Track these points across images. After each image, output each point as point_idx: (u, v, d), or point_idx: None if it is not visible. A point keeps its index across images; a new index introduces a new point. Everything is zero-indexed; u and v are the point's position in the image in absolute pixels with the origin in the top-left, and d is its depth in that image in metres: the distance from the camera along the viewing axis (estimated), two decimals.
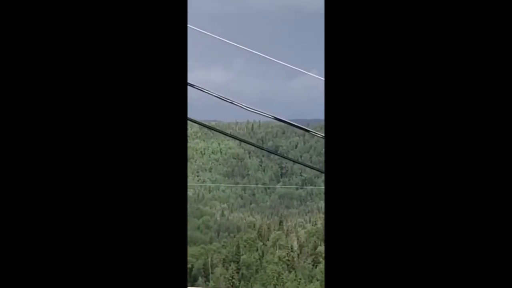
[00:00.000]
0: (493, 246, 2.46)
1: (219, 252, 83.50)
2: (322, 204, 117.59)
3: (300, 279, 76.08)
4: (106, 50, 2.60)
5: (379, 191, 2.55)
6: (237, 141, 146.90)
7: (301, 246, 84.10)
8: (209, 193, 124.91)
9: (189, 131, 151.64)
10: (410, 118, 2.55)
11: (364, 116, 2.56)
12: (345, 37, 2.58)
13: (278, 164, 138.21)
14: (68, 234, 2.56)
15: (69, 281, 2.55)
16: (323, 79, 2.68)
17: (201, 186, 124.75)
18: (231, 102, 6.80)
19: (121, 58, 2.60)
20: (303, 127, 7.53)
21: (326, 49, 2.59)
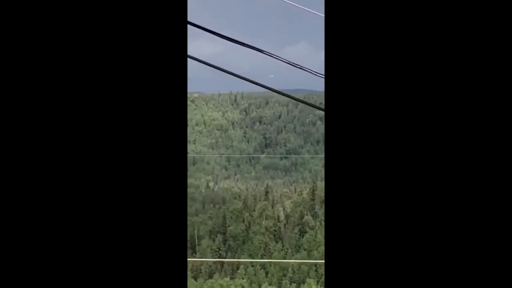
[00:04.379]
0: (493, 246, 2.45)
1: (205, 224, 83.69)
2: (306, 174, 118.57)
3: (287, 249, 76.52)
4: (104, 44, 2.57)
5: (379, 190, 2.52)
6: (221, 112, 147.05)
7: (287, 216, 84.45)
8: (193, 165, 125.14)
9: None
10: (409, 115, 2.51)
11: (364, 114, 2.54)
12: (345, 35, 2.56)
13: (262, 135, 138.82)
14: (68, 233, 2.53)
15: (69, 280, 2.52)
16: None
17: None
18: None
19: (119, 54, 2.57)
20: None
21: (326, 46, 2.59)
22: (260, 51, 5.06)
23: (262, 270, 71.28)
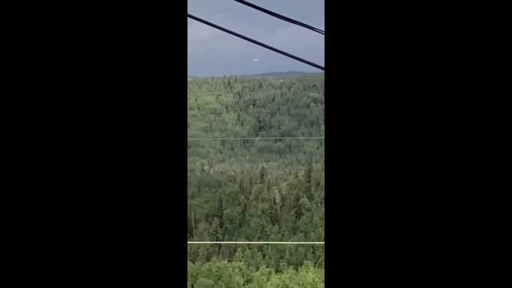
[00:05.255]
0: (493, 246, 2.45)
1: (201, 207, 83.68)
2: (301, 156, 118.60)
3: (284, 231, 76.62)
4: (104, 43, 2.56)
5: (379, 191, 2.53)
6: (214, 96, 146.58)
7: (283, 199, 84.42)
8: (188, 148, 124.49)
9: None
10: (410, 112, 2.53)
11: (364, 115, 2.55)
12: (345, 35, 2.57)
13: (256, 118, 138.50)
14: (69, 231, 2.54)
15: (69, 279, 2.53)
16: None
17: None
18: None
19: (120, 54, 2.57)
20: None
21: (326, 46, 2.60)
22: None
23: (260, 252, 71.47)
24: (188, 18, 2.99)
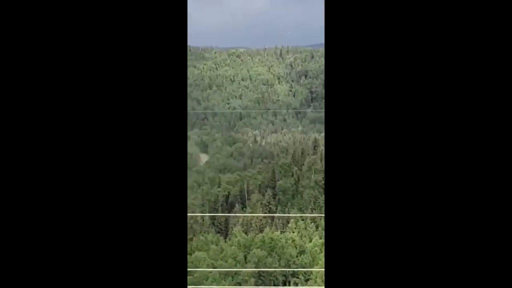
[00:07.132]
0: (493, 246, 2.45)
1: (254, 179, 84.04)
2: None
3: None
4: (104, 39, 2.55)
5: (379, 190, 2.53)
6: (266, 67, 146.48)
7: None
8: (240, 120, 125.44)
9: (218, 59, 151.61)
10: (411, 113, 2.53)
11: (365, 116, 2.55)
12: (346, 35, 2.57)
13: (308, 89, 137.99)
14: (69, 226, 2.54)
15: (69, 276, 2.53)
16: None
17: (232, 113, 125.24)
18: None
19: (119, 51, 2.56)
20: None
21: (327, 51, 2.60)
22: None
23: (313, 224, 71.45)
24: None
